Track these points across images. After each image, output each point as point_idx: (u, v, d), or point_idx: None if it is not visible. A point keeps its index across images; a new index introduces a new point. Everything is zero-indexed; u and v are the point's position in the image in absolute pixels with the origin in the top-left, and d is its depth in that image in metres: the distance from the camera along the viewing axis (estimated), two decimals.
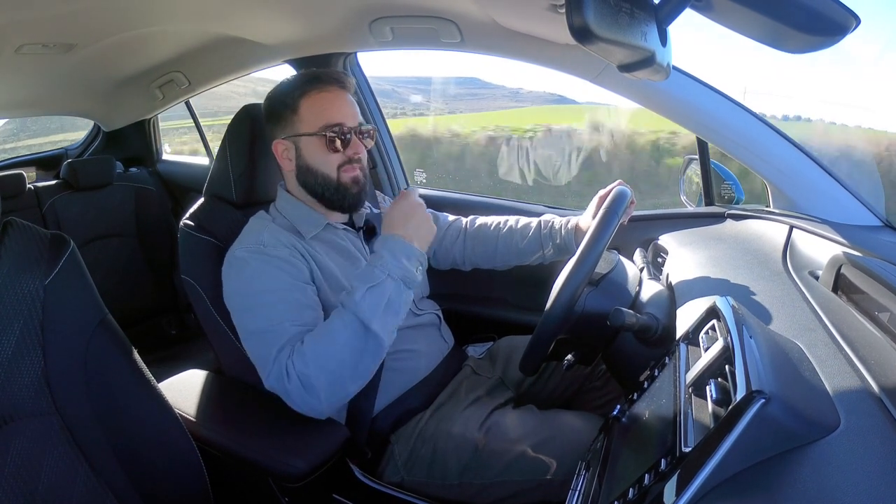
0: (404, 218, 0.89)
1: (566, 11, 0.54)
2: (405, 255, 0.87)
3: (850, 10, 0.60)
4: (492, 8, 1.06)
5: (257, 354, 0.88)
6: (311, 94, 0.97)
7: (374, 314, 0.83)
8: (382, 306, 0.84)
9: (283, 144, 0.99)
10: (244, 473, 0.90)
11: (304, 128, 0.97)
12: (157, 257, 2.17)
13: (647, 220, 1.26)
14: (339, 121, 0.96)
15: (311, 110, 0.97)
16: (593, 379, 1.11)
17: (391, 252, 0.87)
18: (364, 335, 0.83)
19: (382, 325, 0.84)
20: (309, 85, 0.97)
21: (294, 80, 0.99)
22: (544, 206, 1.44)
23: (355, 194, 1.00)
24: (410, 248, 0.88)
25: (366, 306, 0.83)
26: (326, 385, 0.82)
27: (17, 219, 0.77)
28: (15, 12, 1.13)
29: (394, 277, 0.85)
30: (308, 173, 0.99)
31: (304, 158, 0.99)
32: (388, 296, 0.85)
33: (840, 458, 0.41)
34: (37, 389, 0.72)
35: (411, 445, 0.95)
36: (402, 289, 0.86)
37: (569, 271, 0.80)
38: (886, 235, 0.98)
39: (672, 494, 0.42)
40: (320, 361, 0.82)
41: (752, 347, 0.49)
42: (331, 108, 0.97)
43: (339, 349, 0.82)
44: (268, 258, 0.92)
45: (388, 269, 0.85)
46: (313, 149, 0.97)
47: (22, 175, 1.96)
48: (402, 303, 0.87)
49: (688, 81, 1.08)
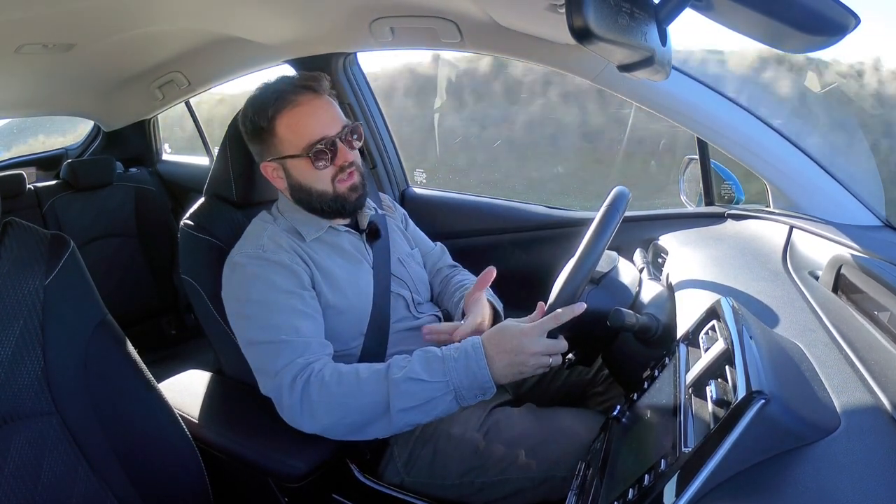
0: (516, 346, 0.78)
1: (566, 11, 0.54)
2: (478, 380, 0.78)
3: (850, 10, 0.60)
4: (491, 8, 1.06)
5: (257, 364, 0.88)
6: (284, 113, 0.91)
7: (402, 401, 0.79)
8: (418, 401, 0.79)
9: (271, 166, 0.96)
10: (244, 473, 0.90)
11: (286, 150, 0.93)
12: (157, 257, 2.17)
13: (647, 220, 1.26)
14: (321, 134, 0.91)
15: (288, 131, 0.91)
16: (595, 385, 1.10)
17: (467, 362, 0.79)
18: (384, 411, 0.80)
19: (404, 415, 0.79)
20: (280, 103, 0.91)
21: (264, 97, 0.93)
22: (544, 206, 1.44)
23: (355, 200, 0.97)
24: (486, 377, 0.78)
25: (403, 389, 0.79)
26: (324, 423, 0.82)
27: (17, 219, 0.77)
28: (15, 12, 1.13)
29: (450, 385, 0.79)
30: (302, 191, 0.96)
31: (295, 178, 0.95)
32: (432, 397, 0.79)
33: (840, 459, 0.41)
34: (37, 389, 0.72)
35: (411, 446, 0.95)
36: (449, 400, 0.80)
37: (569, 270, 0.80)
38: (886, 235, 0.98)
39: (672, 494, 0.42)
40: (330, 403, 0.80)
41: (752, 348, 0.49)
42: (308, 124, 0.91)
43: (352, 408, 0.81)
44: (267, 264, 0.91)
45: (450, 374, 0.79)
46: (302, 169, 0.94)
47: (22, 175, 1.97)
48: (440, 412, 0.80)
49: (688, 81, 1.08)
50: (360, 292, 0.99)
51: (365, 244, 1.05)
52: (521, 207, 1.45)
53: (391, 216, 1.17)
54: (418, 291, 1.10)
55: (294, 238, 0.97)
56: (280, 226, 0.99)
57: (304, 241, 0.98)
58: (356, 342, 0.98)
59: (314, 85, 0.93)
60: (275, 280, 0.90)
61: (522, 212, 1.44)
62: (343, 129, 0.94)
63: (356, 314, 0.98)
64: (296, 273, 0.92)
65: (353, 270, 1.00)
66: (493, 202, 1.51)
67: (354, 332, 0.98)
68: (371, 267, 1.03)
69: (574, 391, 1.11)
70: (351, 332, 0.97)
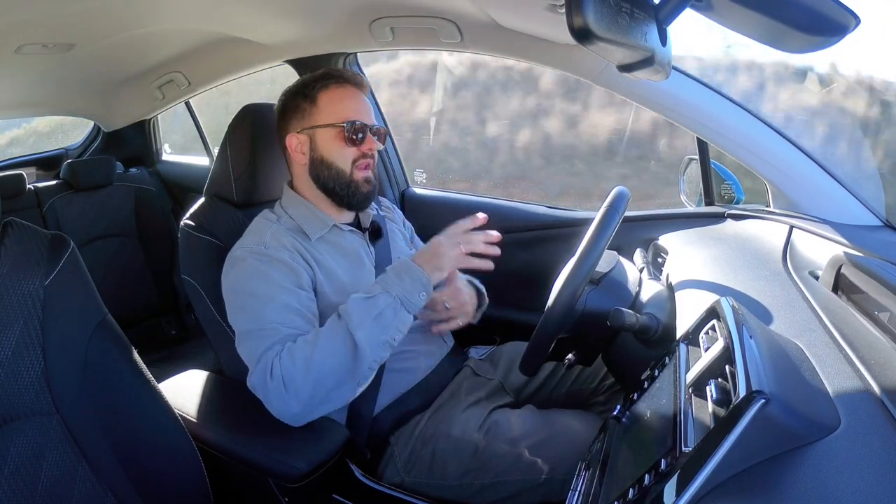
0: (433, 249, 0.89)
1: (566, 11, 0.54)
2: (410, 277, 0.87)
3: (850, 10, 0.60)
4: (491, 8, 1.06)
5: (246, 354, 0.89)
6: (331, 88, 0.99)
7: (361, 324, 0.83)
8: (371, 318, 0.84)
9: (297, 138, 1.00)
10: (244, 473, 0.90)
11: (322, 119, 0.98)
12: (157, 257, 2.17)
13: (647, 220, 1.26)
14: (357, 117, 0.98)
15: (330, 103, 0.99)
16: (598, 393, 1.09)
17: (396, 271, 0.88)
18: (352, 349, 0.83)
19: (368, 337, 0.83)
20: (329, 80, 1.00)
21: (313, 75, 1.02)
22: (544, 206, 1.44)
23: (366, 193, 1.01)
24: (418, 272, 0.87)
25: (355, 315, 0.84)
26: (307, 390, 0.82)
27: (17, 219, 0.77)
28: (15, 12, 1.13)
29: (390, 294, 0.85)
30: (322, 166, 0.99)
31: (320, 150, 0.99)
32: (380, 309, 0.84)
33: (840, 458, 0.41)
34: (37, 389, 0.72)
35: (411, 446, 0.95)
36: (397, 307, 0.85)
37: (569, 271, 0.80)
38: (886, 235, 0.98)
39: (672, 494, 0.42)
40: (307, 364, 0.81)
41: (752, 348, 0.49)
42: (350, 104, 0.99)
43: (326, 357, 0.82)
44: (267, 259, 0.91)
45: (387, 285, 0.86)
46: (330, 141, 0.98)
47: (22, 175, 1.96)
48: (396, 321, 0.86)
49: (688, 81, 1.08)
50: None
51: (368, 243, 1.06)
52: (521, 207, 1.45)
53: (390, 218, 1.19)
54: None
55: (298, 237, 0.98)
56: (284, 224, 0.99)
57: (309, 241, 0.98)
58: None
59: (358, 80, 1.03)
60: (272, 275, 0.90)
61: (523, 212, 1.44)
62: (375, 124, 1.01)
63: None
64: (295, 271, 0.92)
65: (356, 271, 1.01)
66: (494, 202, 1.51)
67: None
68: (374, 267, 1.04)
69: (576, 400, 1.10)
70: None
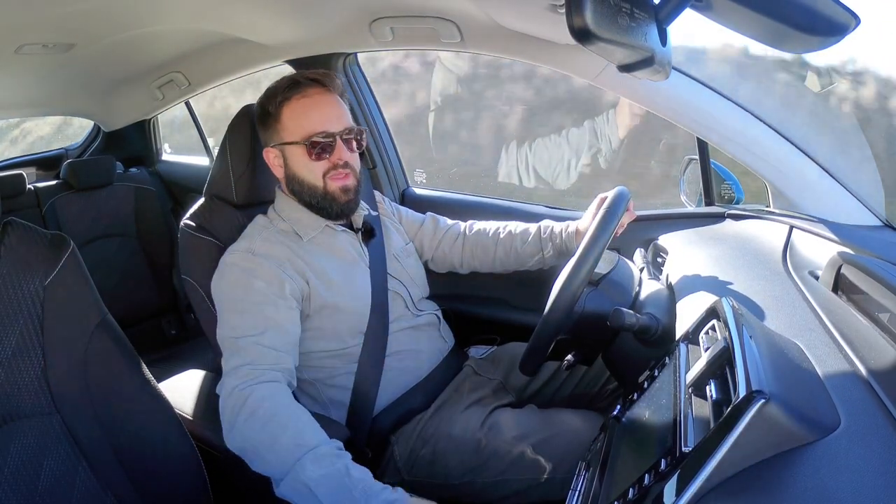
0: None
1: (566, 11, 0.54)
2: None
3: (850, 10, 0.60)
4: (491, 8, 1.06)
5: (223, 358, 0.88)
6: (291, 101, 0.95)
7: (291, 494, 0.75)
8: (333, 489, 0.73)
9: (272, 152, 0.99)
10: (244, 473, 0.90)
11: (287, 136, 0.95)
12: (157, 257, 2.17)
13: (647, 220, 1.25)
14: (322, 128, 0.94)
15: (292, 118, 0.95)
16: (601, 399, 1.09)
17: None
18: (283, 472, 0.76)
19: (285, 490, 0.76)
20: (290, 91, 0.95)
21: (277, 85, 0.97)
22: (545, 206, 1.44)
23: (344, 203, 0.98)
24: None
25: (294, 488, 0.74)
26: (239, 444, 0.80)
27: (17, 219, 0.77)
28: (15, 12, 1.13)
29: None
30: (295, 182, 0.98)
31: (291, 167, 0.97)
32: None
33: (840, 458, 0.41)
34: (37, 389, 0.72)
35: (412, 445, 0.95)
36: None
37: (568, 271, 0.81)
38: (886, 235, 0.98)
39: (672, 494, 0.42)
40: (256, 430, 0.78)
41: (752, 347, 0.49)
42: (312, 115, 0.94)
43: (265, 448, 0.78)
44: (252, 266, 0.91)
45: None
46: (298, 157, 0.96)
47: (22, 175, 1.97)
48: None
49: (688, 81, 1.08)
50: (357, 292, 0.99)
51: (361, 243, 1.05)
52: (521, 207, 1.45)
53: (385, 216, 1.17)
54: (416, 287, 1.10)
55: (290, 240, 0.97)
56: (277, 227, 0.99)
57: (302, 241, 0.98)
58: (355, 341, 0.98)
59: (324, 80, 0.96)
60: (254, 283, 0.90)
61: (523, 212, 1.44)
62: (346, 129, 0.96)
63: (354, 313, 0.98)
64: (279, 280, 0.91)
65: (350, 270, 1.01)
66: (494, 202, 1.51)
67: (353, 331, 0.98)
68: (368, 266, 1.03)
69: (579, 403, 1.10)
70: (349, 331, 0.98)
